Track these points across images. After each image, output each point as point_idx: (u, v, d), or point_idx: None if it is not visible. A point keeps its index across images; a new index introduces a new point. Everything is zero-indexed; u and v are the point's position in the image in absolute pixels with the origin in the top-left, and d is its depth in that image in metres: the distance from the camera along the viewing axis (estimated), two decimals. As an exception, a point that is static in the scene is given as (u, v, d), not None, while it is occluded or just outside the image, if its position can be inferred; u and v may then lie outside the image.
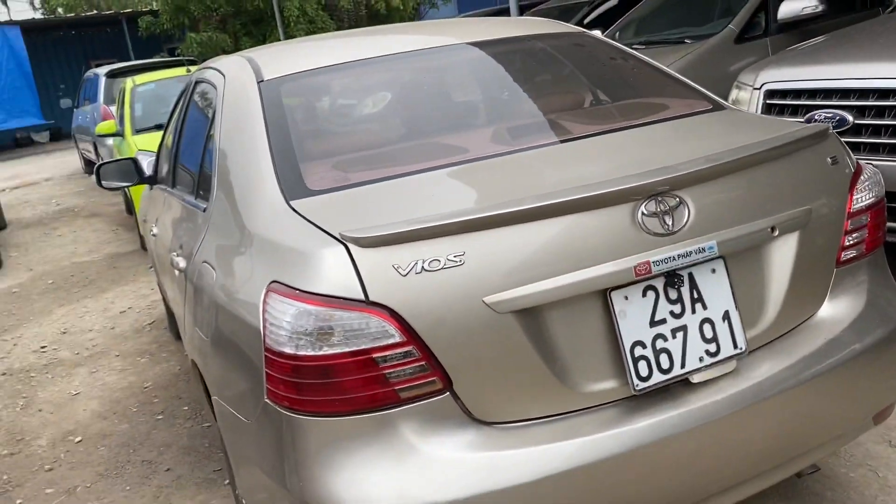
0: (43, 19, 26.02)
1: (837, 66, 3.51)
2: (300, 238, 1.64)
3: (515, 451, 1.56)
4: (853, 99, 3.35)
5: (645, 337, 1.65)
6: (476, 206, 1.60)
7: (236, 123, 2.19)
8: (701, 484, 1.72)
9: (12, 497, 3.13)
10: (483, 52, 2.47)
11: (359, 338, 1.49)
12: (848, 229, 1.92)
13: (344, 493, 1.51)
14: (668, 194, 1.65)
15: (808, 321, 1.89)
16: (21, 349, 4.95)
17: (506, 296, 1.53)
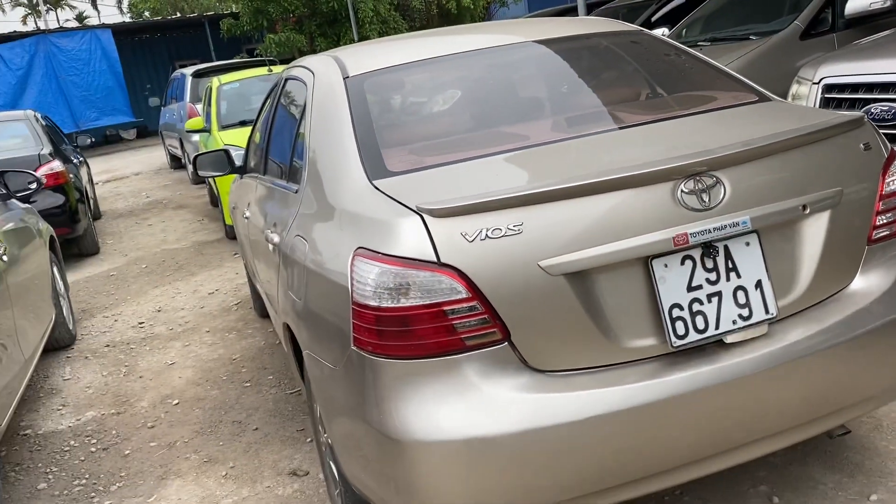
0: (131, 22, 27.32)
1: (893, 60, 3.60)
2: (382, 211, 1.92)
3: (563, 394, 1.80)
4: (910, 92, 3.44)
5: (682, 300, 1.87)
6: (532, 184, 1.84)
7: (325, 115, 2.48)
8: (732, 433, 1.92)
9: (121, 449, 3.53)
10: (545, 49, 2.72)
11: (431, 293, 1.75)
12: (880, 210, 2.09)
13: (415, 424, 1.78)
14: (705, 174, 1.87)
15: (840, 293, 2.07)
16: (121, 325, 5.43)
17: (558, 260, 1.78)
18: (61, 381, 4.47)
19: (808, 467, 2.59)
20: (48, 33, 21.54)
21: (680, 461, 1.90)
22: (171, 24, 25.32)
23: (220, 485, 3.07)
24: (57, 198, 7.19)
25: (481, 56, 2.69)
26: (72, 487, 3.23)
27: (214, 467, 3.22)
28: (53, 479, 3.33)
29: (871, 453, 2.62)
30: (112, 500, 3.09)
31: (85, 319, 5.68)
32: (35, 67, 20.56)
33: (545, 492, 1.81)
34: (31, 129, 7.83)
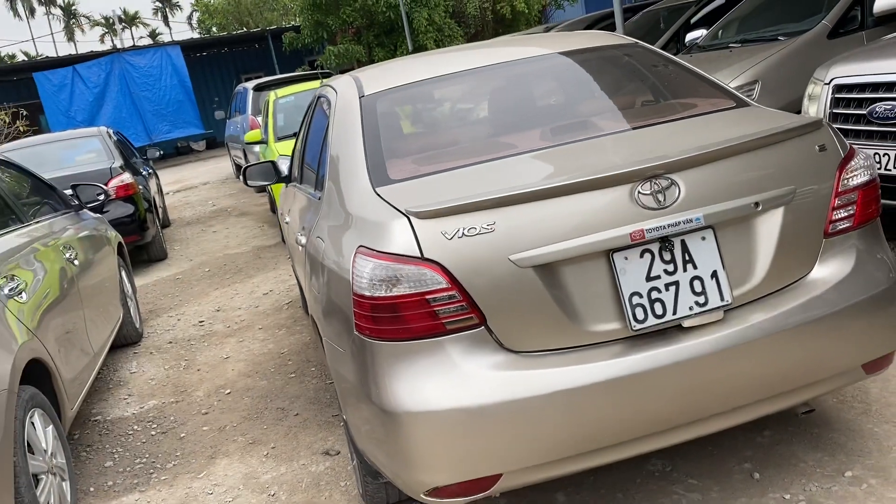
0: (199, 38, 28.45)
1: (893, 61, 3.72)
2: (379, 214, 2.22)
3: (534, 371, 2.06)
4: (911, 91, 3.56)
5: (641, 289, 2.10)
6: (506, 188, 2.11)
7: (342, 129, 2.80)
8: (691, 408, 2.14)
9: (177, 432, 3.93)
10: (540, 64, 2.98)
11: (416, 284, 2.04)
12: (835, 206, 2.28)
13: (406, 397, 2.07)
14: (661, 177, 2.10)
15: (799, 281, 2.27)
16: (183, 323, 5.89)
17: (526, 255, 2.04)
18: (128, 374, 4.92)
19: (792, 447, 2.77)
20: (122, 52, 22.71)
21: (642, 432, 2.13)
22: (236, 38, 26.30)
23: (261, 463, 3.42)
24: (127, 207, 7.74)
25: (481, 73, 2.97)
26: (134, 465, 3.64)
27: (257, 448, 3.57)
28: (119, 458, 3.74)
29: (854, 434, 2.78)
30: (167, 475, 3.48)
31: (151, 319, 6.17)
32: (111, 84, 21.72)
33: (520, 456, 2.08)
34: (104, 144, 8.44)
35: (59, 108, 20.99)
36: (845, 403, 3.00)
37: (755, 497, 2.53)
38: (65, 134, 9.40)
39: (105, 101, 21.73)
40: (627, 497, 2.65)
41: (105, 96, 21.74)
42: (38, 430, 2.97)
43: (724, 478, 2.66)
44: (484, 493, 2.14)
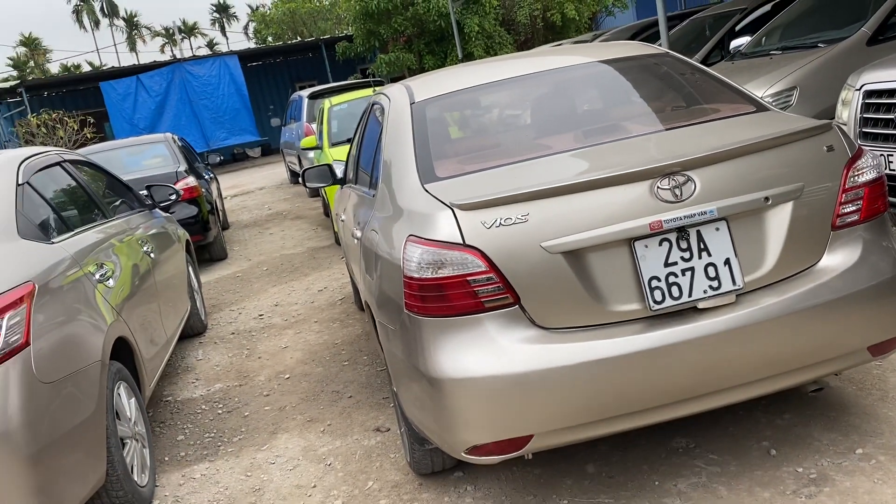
0: (255, 48, 29.32)
1: (925, 67, 3.88)
2: (427, 207, 2.51)
3: (563, 345, 2.33)
4: (937, 96, 3.72)
5: (660, 273, 2.36)
6: (538, 183, 2.38)
7: (395, 133, 3.11)
8: (705, 381, 2.38)
9: (242, 411, 4.29)
10: (576, 72, 3.25)
11: (459, 267, 2.33)
12: (842, 201, 2.49)
13: (449, 366, 2.36)
14: (679, 173, 2.36)
15: (809, 269, 2.49)
16: (244, 317, 6.28)
17: (555, 242, 2.32)
18: (195, 361, 5.32)
19: (809, 428, 2.98)
20: (182, 62, 23.56)
21: (660, 402, 2.38)
22: (291, 48, 27.03)
23: (318, 437, 3.75)
24: (191, 209, 8.20)
25: (522, 81, 3.26)
26: (203, 439, 4.00)
27: (315, 425, 3.90)
28: (189, 433, 4.11)
29: (869, 418, 2.97)
30: (233, 448, 3.83)
31: (215, 312, 6.59)
32: (171, 93, 22.57)
33: (549, 419, 2.35)
34: (170, 149, 8.95)
35: (124, 115, 21.91)
36: (864, 390, 3.19)
37: (770, 470, 2.75)
38: (133, 140, 9.98)
39: (166, 109, 22.59)
40: (653, 469, 2.89)
41: (166, 104, 22.61)
42: (123, 401, 3.34)
43: (742, 454, 2.88)
44: (518, 452, 2.41)
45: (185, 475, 3.62)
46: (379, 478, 3.24)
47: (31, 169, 3.57)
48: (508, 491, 2.93)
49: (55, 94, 24.93)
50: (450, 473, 3.11)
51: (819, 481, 2.64)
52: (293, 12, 30.03)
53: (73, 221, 3.74)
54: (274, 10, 32.05)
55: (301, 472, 3.44)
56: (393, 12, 21.64)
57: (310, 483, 3.32)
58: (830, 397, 3.18)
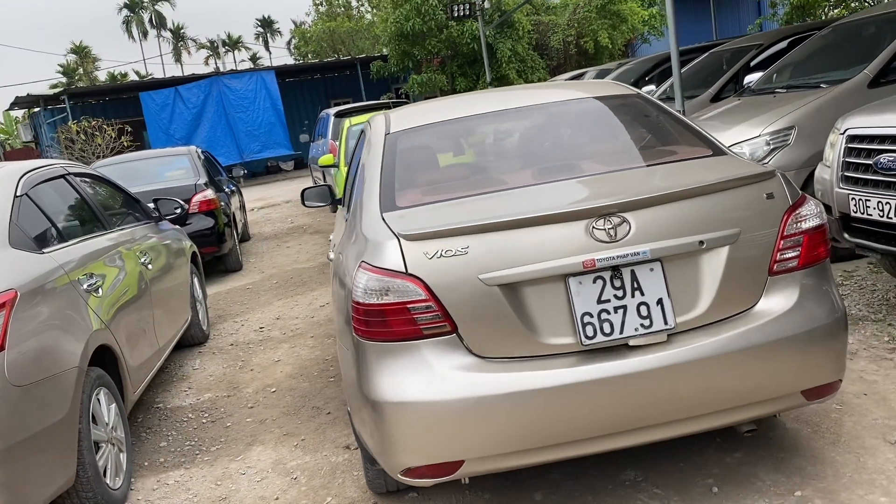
0: (292, 64, 29.88)
1: (902, 115, 3.91)
2: (379, 234, 2.63)
3: (496, 374, 2.42)
4: (913, 144, 3.75)
5: (592, 310, 2.44)
6: (480, 218, 2.49)
7: (368, 160, 3.24)
8: (634, 417, 2.45)
9: (224, 422, 4.43)
10: (545, 111, 3.36)
11: (400, 294, 2.45)
12: (780, 248, 2.56)
13: (388, 390, 2.47)
14: (615, 215, 2.45)
15: (745, 312, 2.55)
16: (245, 329, 6.46)
17: (493, 275, 2.42)
18: (191, 370, 5.49)
19: (756, 468, 3.02)
20: (220, 75, 24.12)
21: (589, 435, 2.46)
22: (327, 65, 27.51)
23: (290, 451, 3.87)
24: (208, 221, 8.44)
25: (493, 117, 3.38)
26: (183, 446, 4.15)
27: (290, 439, 4.02)
28: (171, 439, 4.27)
29: (816, 461, 3.00)
30: (209, 457, 3.97)
31: (219, 323, 6.77)
32: (208, 105, 23.09)
33: (479, 446, 2.44)
34: (192, 162, 9.22)
35: (161, 125, 22.47)
36: (818, 433, 3.22)
37: (709, 507, 2.80)
38: (158, 151, 10.31)
39: (202, 121, 23.10)
40: (597, 500, 2.96)
41: (202, 116, 23.12)
42: (103, 406, 3.50)
43: (686, 490, 2.94)
44: (450, 476, 2.50)
45: (160, 480, 3.76)
46: (338, 494, 3.35)
47: (32, 182, 3.77)
48: (456, 513, 3.03)
49: (96, 102, 25.66)
50: (405, 493, 3.21)
51: (752, 521, 2.69)
52: (332, 31, 30.57)
53: (69, 232, 3.93)
54: (314, 28, 32.67)
55: (267, 484, 3.56)
56: (427, 34, 21.96)
57: (273, 495, 3.44)
58: (783, 439, 3.22)
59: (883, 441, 3.08)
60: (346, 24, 31.57)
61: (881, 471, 2.87)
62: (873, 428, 3.20)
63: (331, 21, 31.87)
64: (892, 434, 3.12)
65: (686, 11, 29.11)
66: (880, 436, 3.12)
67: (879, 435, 3.13)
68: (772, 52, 8.39)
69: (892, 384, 3.58)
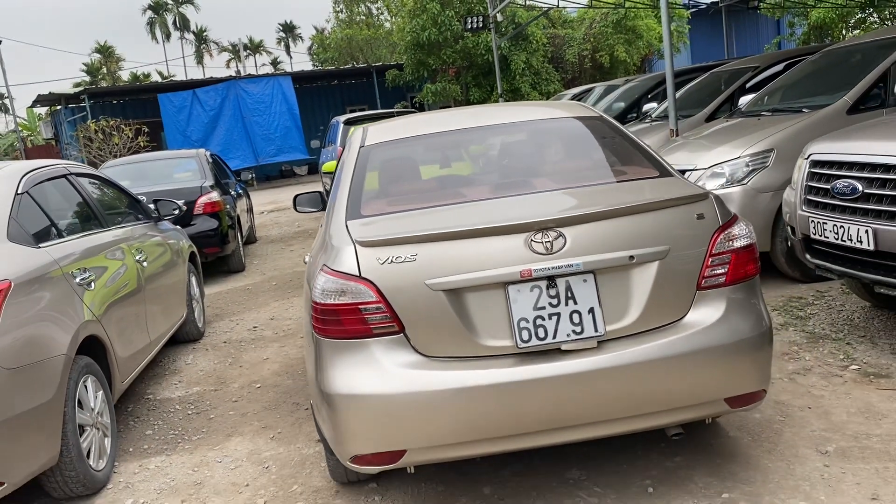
0: (309, 70, 30.34)
1: (860, 142, 4.09)
2: (341, 241, 2.86)
3: (438, 371, 2.64)
4: (866, 171, 3.93)
5: (528, 316, 2.65)
6: (428, 228, 2.71)
7: (342, 171, 3.48)
8: (565, 416, 2.65)
9: (209, 414, 4.66)
10: (510, 130, 3.59)
11: (353, 296, 2.67)
12: (709, 265, 2.76)
13: (339, 383, 2.69)
14: (552, 229, 2.66)
15: (674, 323, 2.75)
16: (240, 328, 6.70)
17: (438, 281, 2.64)
18: (183, 365, 5.73)
19: (693, 471, 3.21)
20: (237, 79, 24.51)
21: (523, 430, 2.66)
22: (343, 72, 27.88)
23: (266, 443, 4.10)
24: (212, 222, 8.71)
25: (459, 134, 3.60)
26: (167, 435, 4.38)
27: (267, 431, 4.25)
28: (157, 428, 4.51)
29: (749, 466, 3.19)
30: (190, 445, 4.20)
31: (215, 322, 7.03)
32: (225, 108, 23.50)
33: (421, 437, 2.65)
34: (200, 165, 9.51)
35: (178, 127, 22.88)
36: (757, 441, 3.40)
37: (641, 506, 2.99)
38: (167, 153, 10.62)
39: (219, 124, 23.51)
40: (540, 495, 3.16)
41: (219, 119, 23.53)
42: (90, 393, 3.75)
43: (623, 489, 3.13)
44: (394, 464, 2.72)
45: (141, 465, 4.00)
46: (304, 483, 3.56)
47: (33, 180, 4.03)
48: (409, 503, 3.23)
49: (116, 102, 26.17)
50: (365, 484, 3.42)
51: (678, 519, 2.87)
52: (350, 38, 30.97)
53: (66, 229, 4.19)
54: (332, 36, 33.10)
55: (241, 472, 3.79)
56: (443, 44, 22.26)
57: (244, 482, 3.66)
58: (724, 446, 3.40)
59: (815, 451, 3.26)
60: (365, 31, 31.96)
61: (807, 478, 3.05)
62: (809, 439, 3.38)
63: (349, 28, 32.27)
64: (825, 445, 3.30)
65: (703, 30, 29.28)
66: (814, 446, 3.30)
67: (813, 445, 3.31)
68: (767, 74, 8.55)
69: (837, 400, 3.75)
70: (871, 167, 3.91)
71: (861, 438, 3.32)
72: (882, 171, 3.84)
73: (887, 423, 3.43)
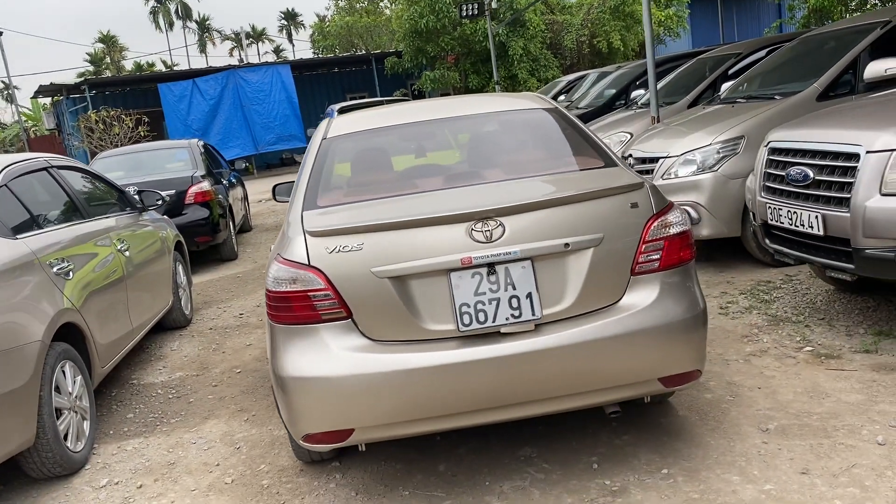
0: (308, 59, 30.38)
1: (813, 130, 4.20)
2: (294, 231, 3.00)
3: (384, 354, 2.78)
4: (817, 159, 4.04)
5: (469, 301, 2.79)
6: (374, 218, 2.85)
7: (305, 163, 3.61)
8: (505, 395, 2.80)
9: (188, 398, 4.83)
10: (466, 122, 3.71)
11: (303, 283, 2.81)
12: (642, 251, 2.89)
13: (290, 366, 2.83)
14: (492, 219, 2.79)
15: (610, 307, 2.89)
16: (227, 314, 6.87)
17: (383, 269, 2.78)
18: (169, 351, 5.90)
19: (638, 449, 3.35)
20: (237, 68, 24.60)
21: (466, 408, 2.81)
22: (342, 60, 27.93)
23: (240, 425, 4.26)
24: (203, 212, 8.86)
25: (417, 126, 3.74)
26: (147, 418, 4.55)
27: (242, 414, 4.41)
28: (139, 412, 4.67)
29: (691, 444, 3.33)
30: (168, 427, 4.37)
31: (203, 309, 7.19)
32: (224, 97, 23.60)
33: (367, 416, 2.80)
34: (191, 154, 9.65)
35: (178, 117, 23.01)
36: (703, 419, 3.54)
37: (584, 481, 3.14)
38: (159, 144, 10.76)
39: (219, 113, 23.62)
40: (491, 472, 3.31)
41: (219, 108, 23.63)
42: (68, 377, 3.91)
43: (571, 465, 3.28)
44: (343, 442, 2.87)
45: (120, 447, 4.17)
46: (272, 462, 3.73)
47: (12, 174, 4.18)
48: (367, 480, 3.39)
49: (117, 92, 26.32)
50: (329, 463, 3.58)
51: (618, 493, 3.02)
52: (350, 26, 30.99)
53: (45, 221, 4.34)
54: (332, 23, 33.12)
55: (213, 452, 3.95)
56: (441, 31, 22.31)
57: (215, 462, 3.83)
58: (672, 424, 3.54)
59: (757, 429, 3.40)
60: (364, 19, 31.97)
61: (744, 454, 3.19)
62: (754, 417, 3.51)
63: (349, 16, 32.29)
64: (768, 423, 3.44)
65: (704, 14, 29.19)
66: (756, 424, 3.44)
67: (756, 424, 3.44)
68: (749, 60, 8.62)
69: (786, 380, 3.88)
70: (822, 154, 4.02)
71: (802, 416, 3.46)
72: (831, 158, 3.95)
73: (829, 402, 3.57)
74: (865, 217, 3.69)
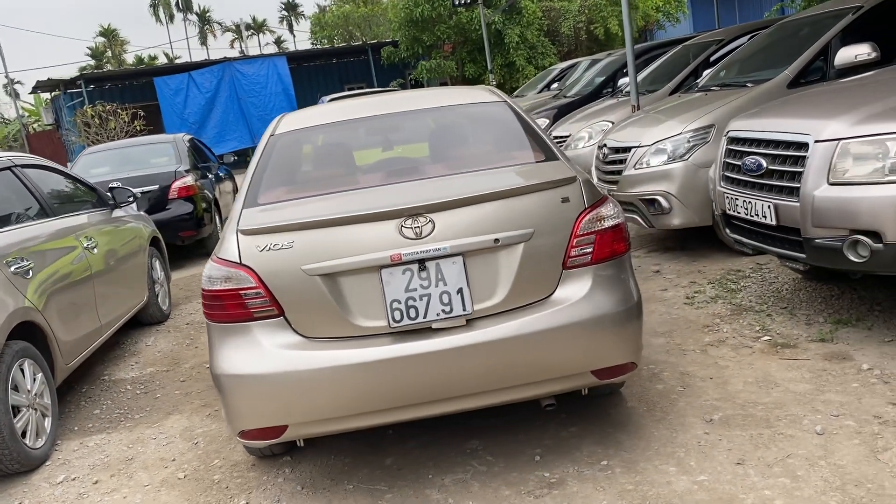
0: (305, 50, 30.34)
1: (768, 120, 4.19)
2: (229, 229, 3.02)
3: (317, 351, 2.81)
4: (770, 148, 4.03)
5: (400, 297, 2.81)
6: (303, 216, 2.87)
7: (252, 160, 3.62)
8: (438, 389, 2.82)
9: (155, 393, 4.87)
10: (412, 118, 3.73)
11: (234, 282, 2.83)
12: (574, 245, 2.90)
13: (224, 364, 2.86)
14: (422, 215, 2.81)
15: (542, 301, 2.90)
16: (204, 309, 6.90)
17: (313, 266, 2.80)
18: (143, 347, 5.95)
19: (582, 441, 3.37)
20: (233, 61, 24.60)
21: (400, 403, 2.83)
22: (339, 51, 27.90)
23: (201, 420, 4.30)
24: (187, 206, 8.89)
25: (364, 122, 3.75)
26: (113, 414, 4.60)
27: (205, 409, 4.45)
28: (105, 408, 4.72)
29: (634, 436, 3.34)
30: (131, 423, 4.41)
31: (183, 304, 7.23)
32: (221, 90, 23.64)
33: (301, 413, 2.83)
34: (176, 149, 9.67)
35: (175, 110, 23.07)
36: (650, 411, 3.56)
37: (524, 473, 3.16)
38: (144, 139, 10.79)
39: (215, 106, 23.67)
40: (435, 465, 3.33)
41: (215, 101, 23.68)
42: (27, 375, 3.95)
43: (514, 457, 3.30)
44: (277, 438, 2.90)
45: (82, 443, 4.21)
46: (226, 457, 3.76)
47: (-29, 174, 4.21)
48: (315, 475, 3.42)
49: (114, 86, 26.36)
50: (280, 458, 3.61)
51: (555, 485, 3.04)
52: (347, 16, 30.92)
53: (6, 220, 4.38)
54: (330, 14, 33.07)
55: (171, 447, 3.99)
56: (437, 20, 22.22)
57: (171, 457, 3.87)
58: (618, 416, 3.56)
59: (701, 420, 3.41)
60: (361, 9, 31.89)
61: (684, 445, 3.20)
62: (700, 408, 3.52)
63: (346, 6, 32.22)
64: (713, 414, 3.45)
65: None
66: (701, 415, 3.45)
67: (701, 414, 3.45)
68: (731, 47, 8.56)
69: (739, 370, 3.89)
70: (775, 144, 4.01)
71: (748, 407, 3.47)
72: (783, 147, 3.94)
73: (777, 392, 3.57)
74: (814, 206, 3.68)
